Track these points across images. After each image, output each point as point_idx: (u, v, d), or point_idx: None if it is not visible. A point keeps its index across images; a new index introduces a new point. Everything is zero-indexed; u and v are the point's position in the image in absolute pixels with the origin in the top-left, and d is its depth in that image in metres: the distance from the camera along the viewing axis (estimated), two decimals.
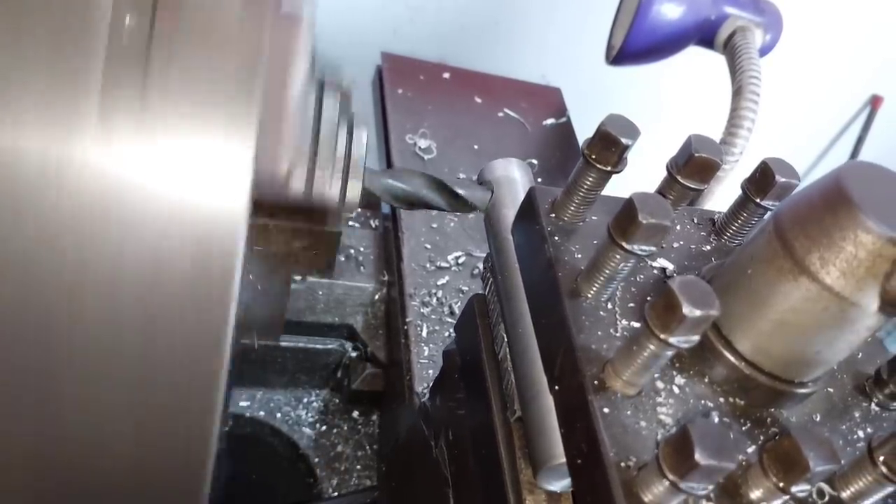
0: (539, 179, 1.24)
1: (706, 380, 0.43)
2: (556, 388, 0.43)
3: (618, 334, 0.43)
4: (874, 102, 2.29)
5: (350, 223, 1.16)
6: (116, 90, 0.35)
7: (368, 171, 0.62)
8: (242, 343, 0.59)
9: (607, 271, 0.43)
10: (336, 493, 1.02)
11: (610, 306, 0.45)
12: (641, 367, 0.39)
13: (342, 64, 0.61)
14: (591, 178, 0.46)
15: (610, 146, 0.44)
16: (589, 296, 0.44)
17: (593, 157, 0.45)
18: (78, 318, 0.37)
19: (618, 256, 0.42)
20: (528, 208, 0.50)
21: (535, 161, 1.24)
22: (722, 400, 0.43)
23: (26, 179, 0.35)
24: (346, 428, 1.09)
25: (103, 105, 0.35)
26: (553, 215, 0.48)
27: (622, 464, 0.37)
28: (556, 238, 0.47)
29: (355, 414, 1.10)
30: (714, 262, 0.51)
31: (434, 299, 0.99)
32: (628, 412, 0.40)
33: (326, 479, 1.03)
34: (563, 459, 0.43)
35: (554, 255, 0.46)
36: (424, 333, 0.95)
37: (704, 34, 1.31)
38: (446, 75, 1.36)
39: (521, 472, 0.48)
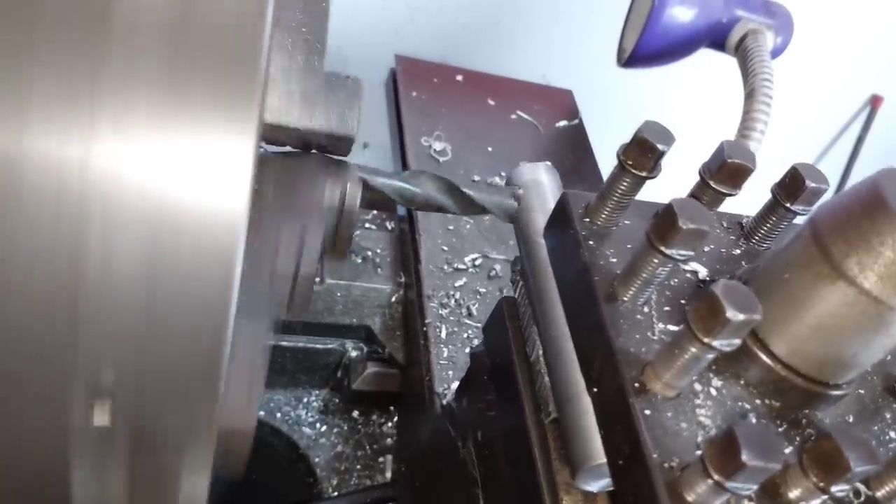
0: None
1: (742, 382, 0.44)
2: (595, 390, 0.44)
3: (655, 337, 0.44)
4: (874, 102, 2.29)
5: (366, 225, 1.17)
6: (116, 88, 0.35)
7: (376, 172, 0.63)
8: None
9: (644, 275, 0.44)
10: (336, 493, 1.02)
11: (646, 310, 0.45)
12: (682, 369, 0.39)
13: (343, 63, 0.60)
14: (626, 183, 0.47)
15: (646, 152, 0.45)
16: (625, 299, 0.45)
17: (630, 162, 0.46)
18: (76, 319, 0.37)
19: (656, 261, 0.43)
20: (561, 213, 0.50)
21: (549, 163, 1.24)
22: (758, 402, 0.44)
23: (26, 180, 0.35)
24: (346, 428, 1.09)
25: (102, 104, 0.35)
26: (587, 220, 0.49)
27: (665, 464, 0.38)
28: (591, 242, 0.48)
29: (355, 414, 1.10)
30: (744, 265, 0.51)
31: (452, 301, 1.00)
32: (669, 414, 0.40)
33: (326, 478, 1.03)
34: (603, 460, 0.44)
35: (589, 260, 0.47)
36: (443, 335, 0.96)
37: (716, 37, 1.31)
38: (459, 78, 1.37)
39: (557, 473, 0.49)
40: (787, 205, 0.50)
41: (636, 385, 0.41)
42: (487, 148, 1.26)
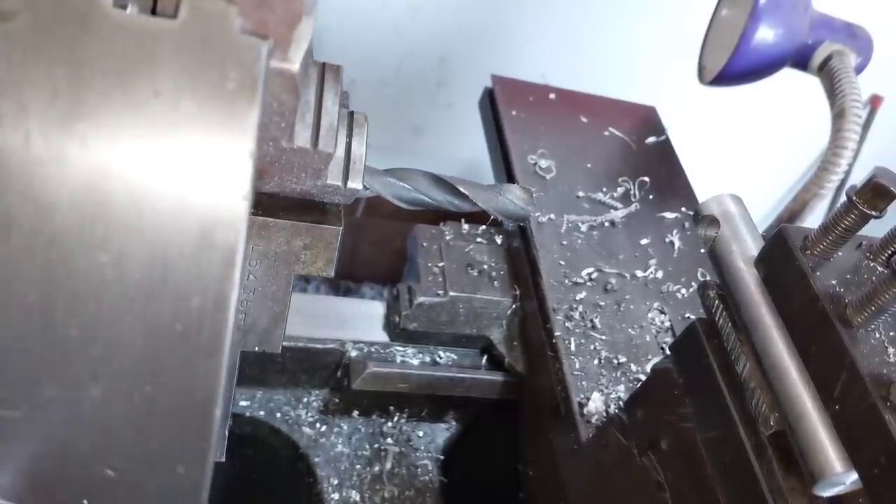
0: (650, 196, 1.30)
1: None
2: (837, 407, 0.49)
3: (891, 360, 0.49)
4: (874, 102, 2.30)
5: (477, 240, 1.22)
6: (115, 86, 0.35)
7: (370, 171, 0.63)
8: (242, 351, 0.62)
9: (880, 303, 0.49)
10: (335, 494, 1.02)
11: (878, 335, 0.51)
12: None
13: (343, 62, 0.60)
14: (851, 220, 0.52)
15: (882, 196, 0.50)
16: (858, 324, 0.50)
17: (862, 202, 0.51)
18: (75, 321, 0.38)
19: (894, 291, 0.48)
20: (780, 245, 0.56)
21: (647, 179, 1.30)
22: None
23: (26, 178, 0.35)
24: (346, 428, 1.10)
25: (101, 102, 0.35)
26: (807, 252, 0.55)
27: None
28: (818, 273, 0.53)
29: (355, 414, 1.11)
30: None
31: (576, 314, 1.05)
32: None
33: (326, 478, 1.04)
34: (841, 470, 0.49)
35: (821, 290, 0.52)
36: (573, 347, 1.01)
37: (800, 57, 1.37)
38: (552, 96, 1.42)
39: (784, 481, 0.54)
40: None
41: (888, 403, 0.46)
42: (587, 164, 1.32)
